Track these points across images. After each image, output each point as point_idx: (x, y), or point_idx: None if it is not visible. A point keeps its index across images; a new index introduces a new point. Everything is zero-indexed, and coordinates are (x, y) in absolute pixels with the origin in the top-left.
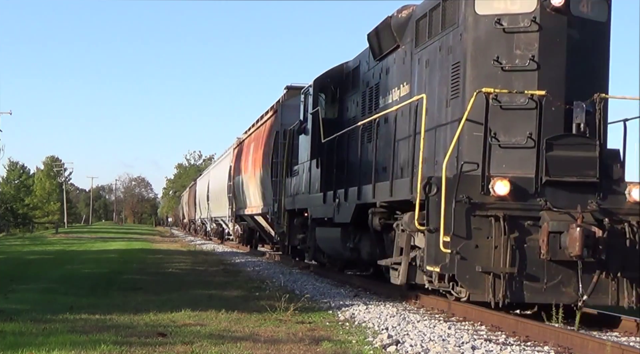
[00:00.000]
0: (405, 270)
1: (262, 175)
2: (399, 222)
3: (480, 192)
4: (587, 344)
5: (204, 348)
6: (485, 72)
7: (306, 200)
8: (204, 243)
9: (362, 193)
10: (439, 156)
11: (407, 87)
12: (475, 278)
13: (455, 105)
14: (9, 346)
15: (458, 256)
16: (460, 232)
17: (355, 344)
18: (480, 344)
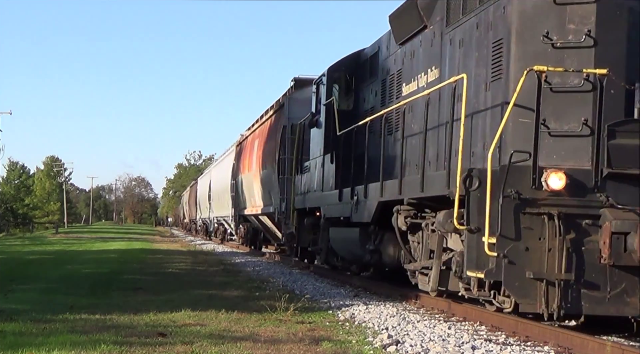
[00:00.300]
0: (437, 276)
1: (267, 172)
2: (428, 221)
3: (531, 186)
4: (587, 344)
5: (204, 348)
6: (533, 50)
7: (319, 198)
8: (204, 243)
9: (386, 189)
10: (475, 146)
11: (436, 72)
12: (525, 286)
13: (497, 88)
14: (9, 346)
15: (505, 260)
16: (508, 232)
17: (355, 344)
18: (480, 344)
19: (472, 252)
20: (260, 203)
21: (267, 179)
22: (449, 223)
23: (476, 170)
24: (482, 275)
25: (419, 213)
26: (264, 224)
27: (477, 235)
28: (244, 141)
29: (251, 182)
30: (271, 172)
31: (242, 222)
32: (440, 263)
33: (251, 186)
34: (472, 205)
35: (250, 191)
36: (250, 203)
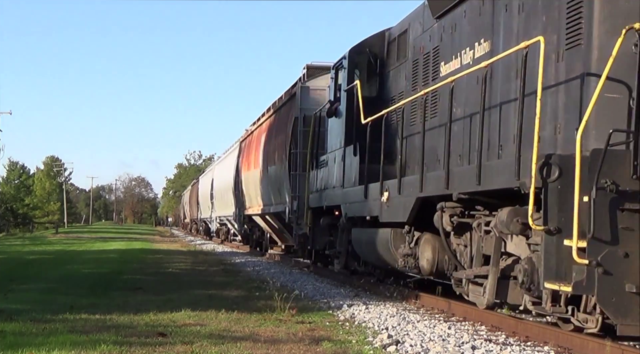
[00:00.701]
0: (494, 286)
1: (277, 168)
2: (480, 221)
3: (632, 176)
4: (587, 344)
5: (204, 348)
6: (621, 8)
7: (339, 195)
8: (204, 243)
9: (428, 183)
10: (542, 129)
11: (486, 45)
12: (625, 302)
13: (574, 57)
14: (9, 346)
15: (599, 269)
16: (602, 234)
17: (355, 344)
18: (480, 344)
19: (550, 259)
20: (267, 201)
21: (276, 176)
22: (514, 223)
23: (556, 157)
24: (569, 288)
25: (467, 211)
26: (271, 224)
27: (558, 237)
28: (248, 136)
29: (257, 180)
30: (281, 168)
31: (247, 222)
32: (498, 270)
33: (257, 184)
34: (552, 200)
35: (255, 190)
36: (256, 202)
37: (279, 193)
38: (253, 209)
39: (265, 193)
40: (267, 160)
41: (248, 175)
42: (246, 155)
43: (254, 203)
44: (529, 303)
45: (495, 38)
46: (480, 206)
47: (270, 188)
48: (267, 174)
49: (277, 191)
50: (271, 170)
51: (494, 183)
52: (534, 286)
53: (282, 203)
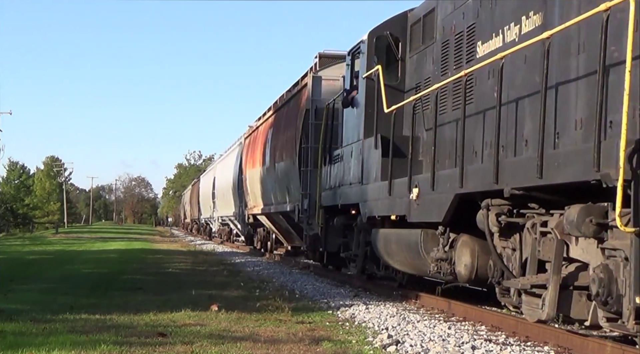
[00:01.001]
0: (556, 297)
1: (285, 165)
2: (535, 221)
3: None
4: (587, 344)
5: (204, 348)
6: None
7: (356, 192)
8: (204, 243)
9: (470, 177)
10: (614, 112)
11: (536, 18)
12: None
13: None
14: (9, 346)
15: None
16: None
17: (355, 344)
18: (480, 344)
19: None
20: (274, 200)
21: (284, 173)
22: (587, 224)
23: None
24: None
25: (515, 209)
26: (278, 224)
27: None
28: (253, 132)
29: (263, 177)
30: (290, 165)
31: (251, 222)
32: (560, 279)
33: (263, 182)
34: None
35: (261, 188)
36: (262, 200)
37: (287, 191)
38: (258, 208)
39: (272, 191)
40: (275, 156)
41: (253, 173)
42: (251, 152)
43: (260, 202)
44: (602, 319)
45: (548, 10)
46: (534, 204)
47: (277, 185)
48: (275, 171)
49: (285, 189)
50: (279, 167)
51: (562, 175)
52: (612, 300)
53: (291, 201)
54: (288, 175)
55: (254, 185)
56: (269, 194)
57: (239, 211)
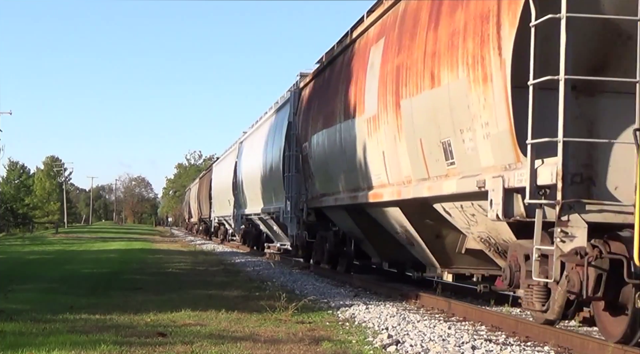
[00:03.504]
0: None
1: (274, 170)
2: None
3: None
4: (587, 344)
5: (204, 348)
6: None
7: None
8: (204, 243)
9: None
10: None
11: None
12: None
13: None
14: (9, 346)
15: None
16: None
17: (355, 344)
18: (480, 344)
19: None
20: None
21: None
22: None
23: None
24: None
25: None
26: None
27: None
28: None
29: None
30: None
31: (307, 219)
32: None
33: (262, 183)
34: None
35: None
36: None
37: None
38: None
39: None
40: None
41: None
42: (297, 119)
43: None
44: None
45: None
46: None
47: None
48: (266, 175)
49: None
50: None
51: None
52: None
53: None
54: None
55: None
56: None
57: (287, 206)
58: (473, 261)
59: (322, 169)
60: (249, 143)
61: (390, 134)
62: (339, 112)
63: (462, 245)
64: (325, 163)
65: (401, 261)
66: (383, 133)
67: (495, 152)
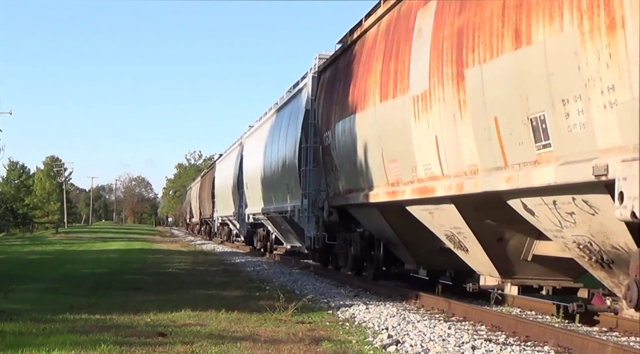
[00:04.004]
0: None
1: (288, 164)
2: None
3: None
4: (587, 344)
5: (204, 348)
6: None
7: None
8: (204, 243)
9: None
10: None
11: None
12: None
13: None
14: (9, 346)
15: None
16: None
17: (355, 344)
18: (480, 344)
19: None
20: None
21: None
22: None
23: None
24: None
25: None
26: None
27: None
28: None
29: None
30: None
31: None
32: None
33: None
34: None
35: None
36: None
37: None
38: None
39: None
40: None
41: None
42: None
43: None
44: None
45: None
46: None
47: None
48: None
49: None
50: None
51: None
52: None
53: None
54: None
55: None
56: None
57: (302, 204)
58: (540, 271)
59: (349, 161)
60: (256, 137)
61: (447, 113)
62: (373, 93)
63: (528, 250)
64: (353, 154)
65: (442, 268)
66: (437, 113)
67: (625, 126)
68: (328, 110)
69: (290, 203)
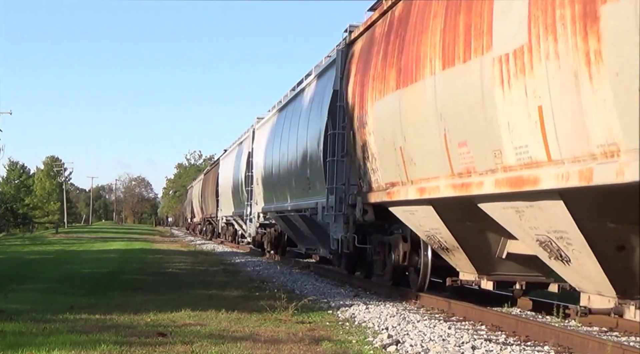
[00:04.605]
0: None
1: (308, 154)
2: None
3: None
4: (587, 344)
5: (204, 348)
6: None
7: None
8: (204, 243)
9: None
10: None
11: None
12: None
13: None
14: (9, 346)
15: None
16: None
17: (355, 344)
18: (480, 344)
19: None
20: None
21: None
22: None
23: None
24: None
25: None
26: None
27: None
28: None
29: None
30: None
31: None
32: None
33: None
34: None
35: None
36: None
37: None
38: None
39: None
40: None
41: None
42: None
43: None
44: None
45: None
46: None
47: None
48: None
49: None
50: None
51: None
52: None
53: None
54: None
55: None
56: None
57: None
58: None
59: (392, 148)
60: (269, 128)
61: (562, 74)
62: (431, 60)
63: None
64: (399, 139)
65: (511, 279)
66: (542, 74)
67: None
68: (361, 89)
69: (311, 200)
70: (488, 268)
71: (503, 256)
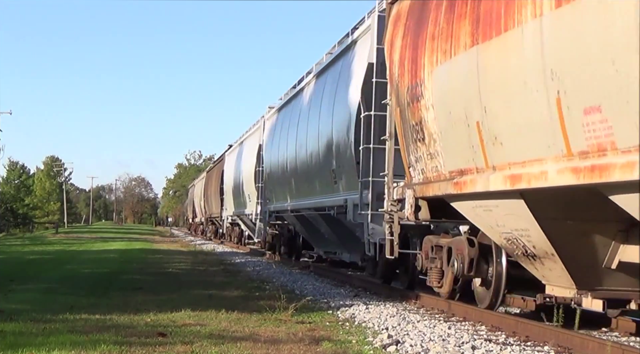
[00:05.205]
0: None
1: (335, 140)
2: None
3: None
4: (587, 344)
5: (204, 348)
6: None
7: None
8: (204, 243)
9: None
10: None
11: None
12: None
13: None
14: (9, 346)
15: None
16: None
17: (355, 344)
18: (480, 344)
19: None
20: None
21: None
22: None
23: None
24: None
25: None
26: None
27: None
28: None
29: None
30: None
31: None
32: None
33: None
34: None
35: None
36: None
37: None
38: None
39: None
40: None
41: None
42: None
43: None
44: None
45: None
46: None
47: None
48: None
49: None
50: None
51: None
52: None
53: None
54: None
55: None
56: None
57: (361, 197)
58: None
59: (464, 123)
60: (282, 117)
61: None
62: None
63: None
64: (476, 110)
65: (624, 297)
66: None
67: None
68: (414, 53)
69: (337, 196)
70: (592, 281)
71: (613, 265)
